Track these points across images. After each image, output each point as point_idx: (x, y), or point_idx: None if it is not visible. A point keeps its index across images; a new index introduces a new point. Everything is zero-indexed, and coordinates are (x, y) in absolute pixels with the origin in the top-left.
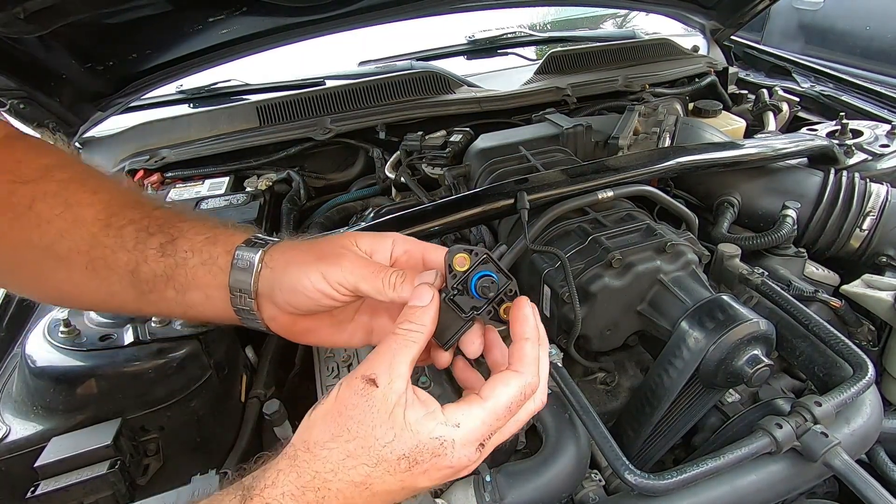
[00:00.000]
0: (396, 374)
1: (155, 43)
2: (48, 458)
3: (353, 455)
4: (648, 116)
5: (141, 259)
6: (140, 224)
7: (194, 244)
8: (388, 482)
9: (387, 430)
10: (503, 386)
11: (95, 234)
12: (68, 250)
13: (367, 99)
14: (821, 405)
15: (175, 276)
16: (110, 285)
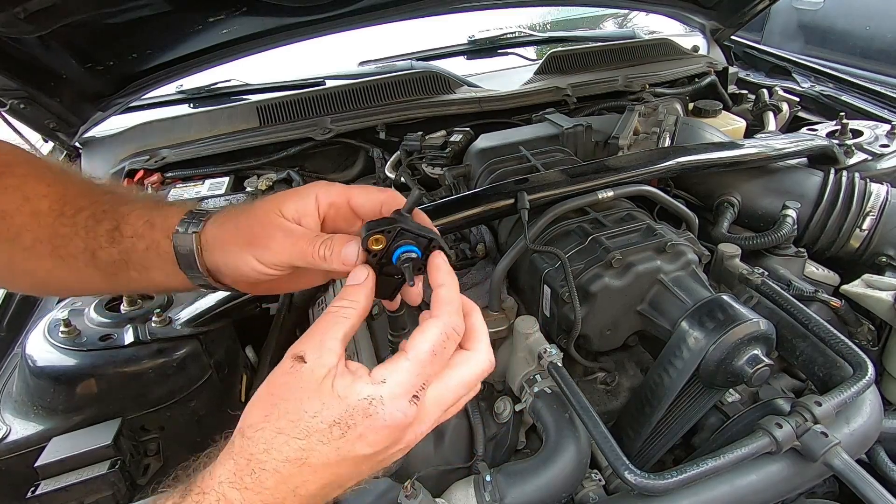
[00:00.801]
0: (326, 349)
1: (155, 43)
2: (48, 458)
3: (283, 431)
4: (648, 116)
5: (95, 246)
6: (89, 211)
7: (136, 229)
8: (324, 452)
9: (315, 402)
10: (421, 333)
11: (52, 223)
12: (32, 241)
13: (367, 99)
14: (821, 405)
15: (130, 260)
16: (77, 271)
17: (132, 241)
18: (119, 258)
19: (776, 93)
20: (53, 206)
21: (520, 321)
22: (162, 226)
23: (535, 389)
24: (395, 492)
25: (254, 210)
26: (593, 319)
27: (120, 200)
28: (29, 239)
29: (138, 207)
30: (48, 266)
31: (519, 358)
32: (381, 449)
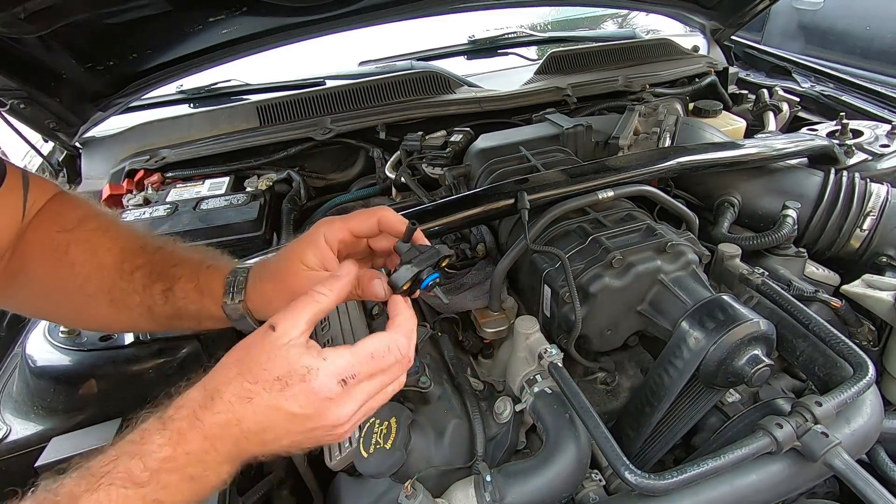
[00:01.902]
0: (294, 323)
1: (155, 43)
2: (49, 458)
3: (241, 374)
4: (648, 116)
5: (151, 302)
6: (144, 270)
7: (187, 293)
8: (264, 398)
9: (269, 358)
10: (371, 339)
11: (113, 277)
12: (95, 290)
13: (367, 99)
14: (821, 405)
15: (183, 315)
16: (133, 319)
17: (184, 302)
18: (173, 313)
19: (776, 93)
20: (115, 260)
21: (520, 321)
22: (209, 293)
23: (535, 389)
24: (395, 492)
25: (284, 270)
26: (593, 319)
27: (170, 260)
28: (92, 288)
29: (186, 271)
30: (107, 313)
31: (519, 358)
32: (309, 413)
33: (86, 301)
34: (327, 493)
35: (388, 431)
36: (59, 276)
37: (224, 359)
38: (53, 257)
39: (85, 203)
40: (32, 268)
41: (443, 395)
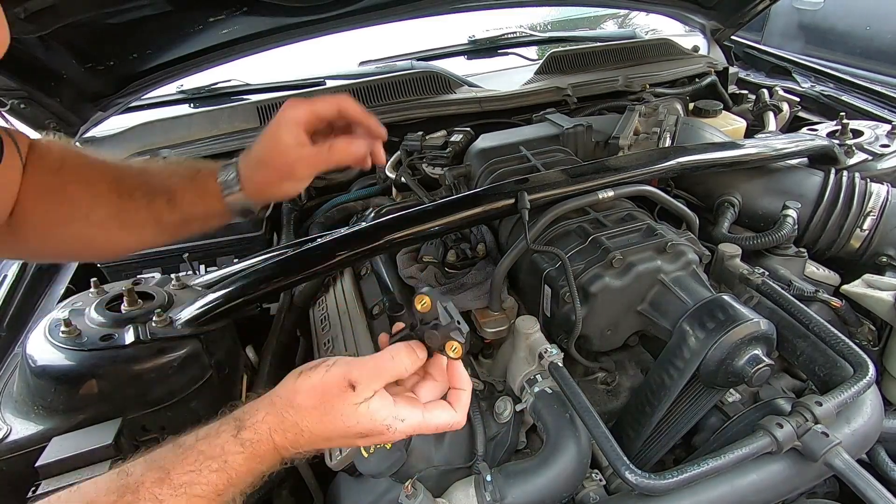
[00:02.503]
0: (370, 387)
1: (155, 43)
2: (49, 458)
3: (324, 422)
4: (649, 116)
5: (157, 215)
6: (142, 189)
7: (189, 199)
8: (342, 440)
9: (353, 417)
10: (441, 411)
11: (115, 201)
12: (102, 217)
13: (367, 99)
14: (821, 405)
15: (192, 218)
16: (144, 236)
17: (190, 207)
18: (181, 220)
19: (776, 93)
20: (110, 186)
21: (520, 321)
22: (209, 193)
23: (535, 389)
24: (395, 492)
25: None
26: (594, 319)
27: (161, 175)
28: (98, 216)
29: (181, 180)
30: (118, 236)
31: (519, 358)
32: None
33: (95, 231)
34: (327, 493)
35: None
36: (62, 214)
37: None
38: (52, 198)
39: (58, 144)
40: (36, 213)
41: None
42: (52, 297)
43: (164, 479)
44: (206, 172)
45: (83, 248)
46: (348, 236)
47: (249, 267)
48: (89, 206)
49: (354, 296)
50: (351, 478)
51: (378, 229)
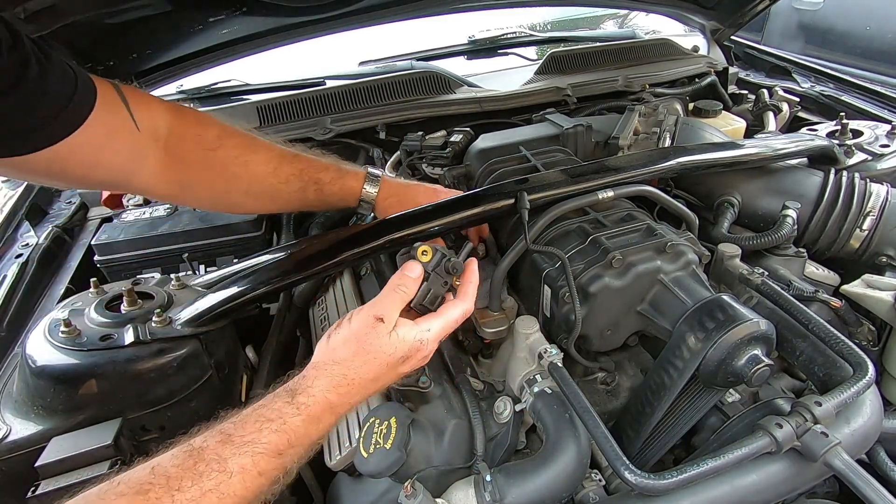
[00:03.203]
0: (393, 315)
1: (155, 43)
2: (48, 458)
3: (368, 362)
4: (648, 116)
5: (304, 198)
6: (296, 175)
7: (334, 191)
8: (388, 374)
9: (390, 346)
10: (453, 308)
11: (272, 182)
12: (258, 191)
13: (367, 99)
14: (821, 405)
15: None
16: (289, 207)
17: (331, 198)
18: (320, 202)
19: (776, 93)
20: (267, 169)
21: (520, 321)
22: (351, 192)
23: (535, 389)
24: (395, 492)
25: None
26: (593, 319)
27: (314, 167)
28: (255, 190)
29: (331, 174)
30: (269, 205)
31: (519, 358)
32: (411, 370)
33: (251, 200)
34: (327, 493)
35: (387, 431)
36: (227, 186)
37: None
38: (217, 172)
39: (209, 120)
40: (201, 183)
41: (443, 394)
42: (52, 297)
43: (226, 441)
44: (353, 174)
45: (236, 207)
46: (348, 236)
47: (249, 267)
48: (249, 183)
49: (354, 296)
50: (351, 478)
51: (378, 229)
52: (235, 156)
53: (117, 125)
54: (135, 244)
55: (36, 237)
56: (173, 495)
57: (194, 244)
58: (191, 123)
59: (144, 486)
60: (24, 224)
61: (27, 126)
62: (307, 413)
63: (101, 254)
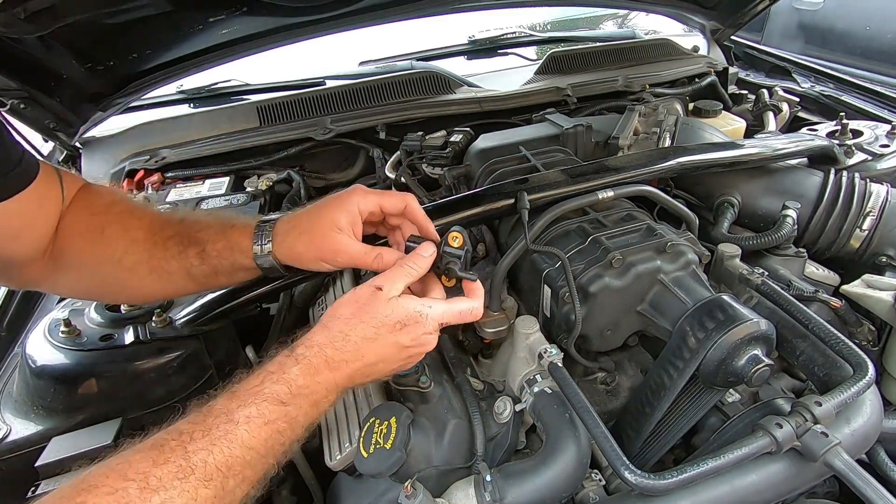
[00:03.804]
0: (395, 287)
1: (155, 43)
2: (49, 458)
3: (365, 322)
4: (648, 116)
5: (188, 265)
6: (175, 238)
7: (219, 251)
8: (386, 336)
9: (387, 309)
10: (461, 302)
11: (149, 248)
12: (133, 262)
13: (367, 99)
14: (821, 405)
15: (219, 271)
16: (173, 284)
17: (218, 260)
18: (210, 271)
19: (776, 93)
20: (146, 234)
21: (520, 321)
22: (239, 248)
23: (535, 389)
24: (395, 492)
25: (316, 229)
26: (593, 319)
27: (196, 226)
28: (130, 261)
29: (214, 233)
30: (148, 282)
31: (519, 358)
32: (414, 344)
33: (127, 275)
34: (327, 493)
35: (387, 431)
36: (98, 255)
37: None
38: (91, 238)
39: (109, 190)
40: (73, 250)
41: (443, 394)
42: (52, 297)
43: (232, 396)
44: (240, 227)
45: (114, 291)
46: None
47: None
48: (124, 250)
49: None
50: (350, 478)
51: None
52: (117, 220)
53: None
54: None
55: None
56: (185, 447)
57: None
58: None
59: (159, 441)
60: None
61: None
62: (305, 363)
63: None
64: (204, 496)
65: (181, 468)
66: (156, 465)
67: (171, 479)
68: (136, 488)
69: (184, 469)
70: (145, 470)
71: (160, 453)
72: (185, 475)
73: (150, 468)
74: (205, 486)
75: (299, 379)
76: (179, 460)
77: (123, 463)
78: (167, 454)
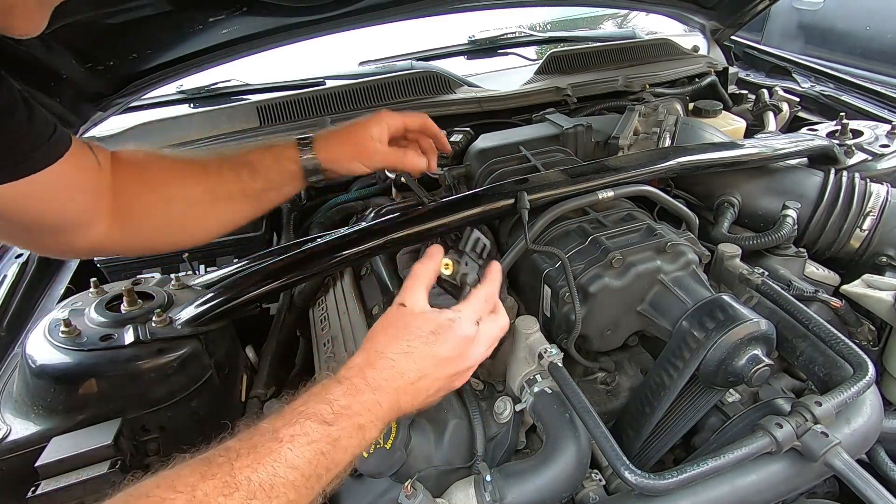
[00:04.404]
0: (416, 298)
1: (155, 43)
2: (49, 458)
3: (398, 336)
4: (648, 116)
5: (243, 185)
6: (227, 165)
7: (268, 165)
8: (423, 350)
9: (417, 321)
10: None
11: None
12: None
13: (367, 99)
14: (821, 405)
15: (271, 184)
16: (233, 209)
17: (268, 172)
18: (263, 186)
19: (776, 93)
20: (200, 170)
21: (520, 321)
22: (285, 156)
23: (535, 389)
24: (395, 492)
25: (353, 135)
26: (593, 319)
27: (240, 153)
28: (195, 194)
29: (259, 153)
30: (212, 213)
31: (519, 358)
32: (455, 356)
33: (191, 210)
34: None
35: (388, 431)
36: (159, 201)
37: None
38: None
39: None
40: (133, 208)
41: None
42: (52, 297)
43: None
44: (281, 143)
45: (181, 233)
46: (348, 236)
47: (249, 267)
48: (182, 187)
49: (354, 296)
50: (350, 478)
51: (378, 229)
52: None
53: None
54: None
55: None
56: (232, 463)
57: None
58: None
59: (209, 457)
60: None
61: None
62: (347, 384)
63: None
64: None
65: (226, 484)
66: (203, 480)
67: (217, 495)
68: (183, 500)
69: (229, 485)
70: (193, 483)
71: (208, 468)
72: (229, 491)
73: (198, 482)
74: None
75: (342, 399)
76: (226, 476)
77: (174, 475)
78: (214, 469)
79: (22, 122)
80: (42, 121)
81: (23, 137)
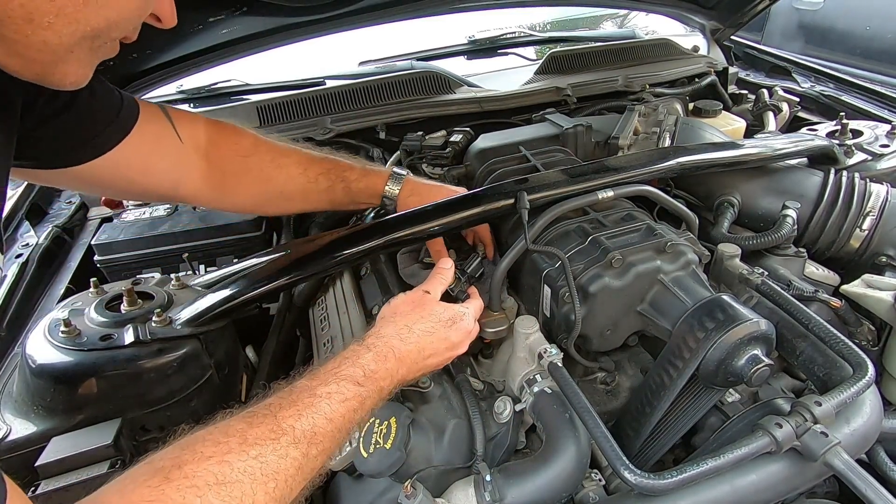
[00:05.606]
0: (438, 291)
1: (155, 43)
2: (48, 458)
3: (424, 318)
4: (648, 116)
5: (333, 196)
6: (325, 175)
7: (361, 189)
8: (440, 331)
9: (440, 308)
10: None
11: (302, 183)
12: (291, 192)
13: (367, 99)
14: (821, 405)
15: (357, 201)
16: (315, 205)
17: (358, 195)
18: (349, 201)
19: (776, 93)
20: (299, 170)
21: (520, 321)
22: (374, 189)
23: (535, 389)
24: (395, 492)
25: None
26: (593, 319)
27: (340, 166)
28: (290, 191)
29: (357, 174)
30: (297, 203)
31: (519, 358)
32: (458, 342)
33: (286, 201)
34: (327, 493)
35: (387, 431)
36: (261, 190)
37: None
38: (250, 178)
39: (248, 131)
40: (237, 186)
41: (443, 394)
42: (52, 297)
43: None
44: (376, 173)
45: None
46: (348, 236)
47: (249, 267)
48: (283, 184)
49: (354, 296)
50: (350, 478)
51: (378, 229)
52: (269, 160)
53: (161, 134)
54: (135, 244)
55: (36, 237)
56: (276, 414)
57: (194, 244)
58: (227, 134)
59: (253, 411)
60: (24, 224)
61: (83, 138)
62: (376, 350)
63: (101, 254)
64: (293, 456)
65: (273, 430)
66: (251, 427)
67: (265, 439)
68: (236, 442)
69: (275, 430)
70: (242, 429)
71: (254, 418)
72: (276, 436)
73: (247, 428)
74: (294, 447)
75: (371, 364)
76: (271, 423)
77: (223, 425)
78: (260, 419)
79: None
80: (105, 93)
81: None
